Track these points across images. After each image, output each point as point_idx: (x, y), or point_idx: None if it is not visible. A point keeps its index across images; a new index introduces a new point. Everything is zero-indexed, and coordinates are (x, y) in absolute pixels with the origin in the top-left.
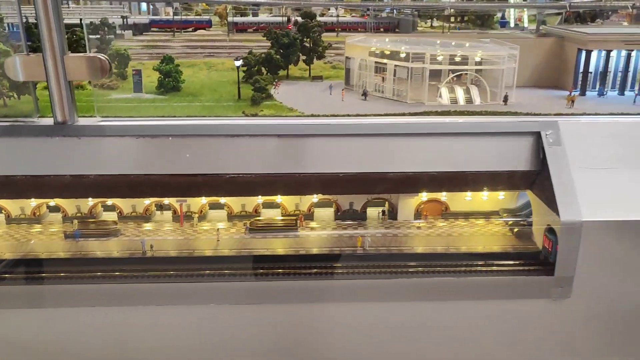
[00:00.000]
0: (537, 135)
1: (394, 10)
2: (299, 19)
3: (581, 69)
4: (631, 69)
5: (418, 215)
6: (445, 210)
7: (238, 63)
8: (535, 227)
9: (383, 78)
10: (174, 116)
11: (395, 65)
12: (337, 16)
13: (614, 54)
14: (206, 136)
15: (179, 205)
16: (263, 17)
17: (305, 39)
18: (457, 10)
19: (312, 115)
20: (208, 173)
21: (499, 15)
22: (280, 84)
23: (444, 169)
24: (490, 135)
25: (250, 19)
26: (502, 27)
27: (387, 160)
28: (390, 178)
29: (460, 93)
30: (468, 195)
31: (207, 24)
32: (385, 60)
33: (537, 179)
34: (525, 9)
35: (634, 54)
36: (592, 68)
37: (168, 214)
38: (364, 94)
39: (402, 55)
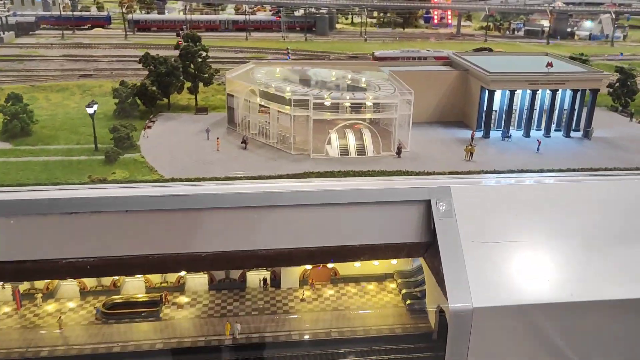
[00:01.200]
0: (428, 204)
1: (307, 10)
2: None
3: (485, 108)
4: (537, 107)
5: (304, 281)
6: (334, 276)
7: (91, 110)
8: (427, 305)
9: (267, 121)
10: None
11: (279, 112)
12: (247, 13)
13: (518, 92)
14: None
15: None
16: (175, 14)
17: (189, 65)
18: (378, 7)
19: (172, 180)
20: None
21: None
22: (150, 127)
23: (326, 244)
24: (377, 204)
25: (153, 16)
26: (426, 23)
27: (257, 236)
28: (262, 256)
29: (352, 140)
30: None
31: (106, 21)
32: (268, 104)
33: (429, 248)
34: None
35: (539, 93)
36: (497, 106)
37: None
38: (244, 141)
39: (287, 97)
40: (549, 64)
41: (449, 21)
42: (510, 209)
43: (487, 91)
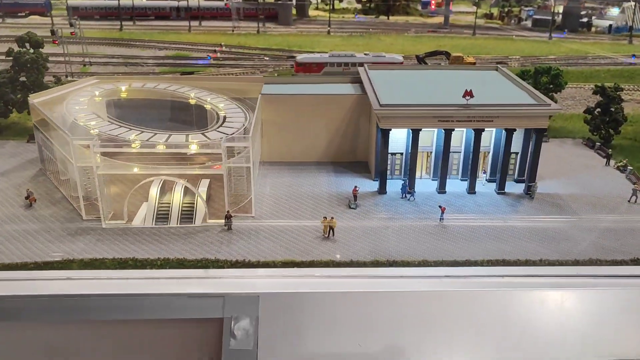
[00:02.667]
0: (220, 324)
1: None
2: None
3: (379, 152)
4: (462, 147)
5: None
6: None
7: None
8: None
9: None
10: None
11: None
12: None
13: (431, 130)
14: None
15: None
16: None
17: (21, 76)
18: None
19: None
20: None
21: None
22: None
23: None
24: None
25: (93, 2)
26: (423, 8)
27: None
28: None
29: (177, 197)
30: None
31: (44, 8)
32: (54, 143)
33: None
34: None
35: (463, 132)
36: (399, 147)
37: None
38: (28, 196)
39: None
40: (468, 94)
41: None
42: (355, 334)
43: (379, 129)
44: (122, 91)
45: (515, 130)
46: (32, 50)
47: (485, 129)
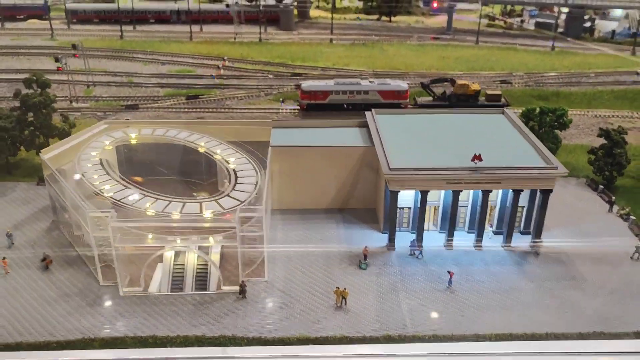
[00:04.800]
0: None
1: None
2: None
3: (388, 210)
4: (468, 204)
5: None
6: None
7: None
8: None
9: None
10: None
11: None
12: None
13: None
14: None
15: None
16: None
17: (29, 116)
18: None
19: None
20: None
21: None
22: None
23: None
24: None
25: (92, 5)
26: (425, 6)
27: None
28: None
29: (191, 265)
30: None
31: (43, 10)
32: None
33: None
34: None
35: (469, 193)
36: (407, 202)
37: None
38: (44, 259)
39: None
40: (477, 157)
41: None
42: None
43: (389, 190)
44: (133, 139)
45: (522, 190)
46: (39, 91)
47: (491, 190)
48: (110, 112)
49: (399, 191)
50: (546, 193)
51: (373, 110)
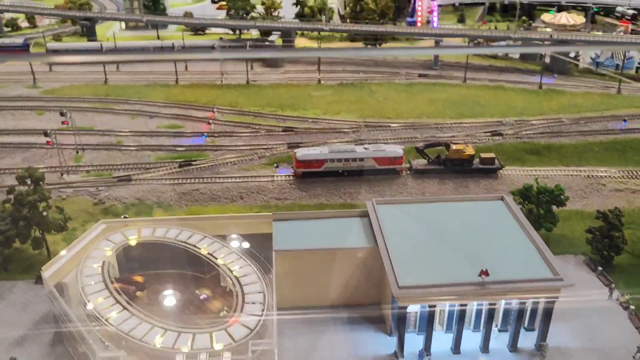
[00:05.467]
0: None
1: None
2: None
3: (397, 321)
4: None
5: None
6: None
7: None
8: None
9: None
10: None
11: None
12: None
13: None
14: None
15: None
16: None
17: (25, 213)
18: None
19: None
20: None
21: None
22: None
23: None
24: None
25: (72, 45)
26: (409, 25)
27: None
28: None
29: None
30: None
31: (24, 49)
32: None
33: None
34: None
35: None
36: (415, 307)
37: None
38: None
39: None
40: (484, 273)
41: (434, 21)
42: None
43: (397, 304)
44: (132, 240)
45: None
46: (32, 187)
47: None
48: (103, 187)
49: (407, 306)
50: (551, 301)
51: (374, 201)
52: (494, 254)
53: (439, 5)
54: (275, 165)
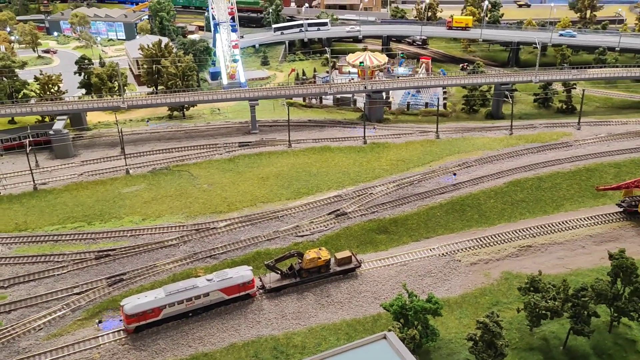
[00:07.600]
0: None
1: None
2: None
3: None
4: None
5: None
6: None
7: None
8: None
9: None
10: None
11: None
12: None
13: None
14: None
15: None
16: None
17: None
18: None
19: None
20: None
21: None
22: None
23: None
24: None
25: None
26: (212, 75)
27: None
28: None
29: None
30: None
31: None
32: None
33: None
34: None
35: None
36: None
37: None
38: None
39: None
40: None
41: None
42: None
43: None
44: None
45: None
46: None
47: None
48: None
49: None
50: None
51: None
52: None
53: (240, 49)
54: (98, 321)
